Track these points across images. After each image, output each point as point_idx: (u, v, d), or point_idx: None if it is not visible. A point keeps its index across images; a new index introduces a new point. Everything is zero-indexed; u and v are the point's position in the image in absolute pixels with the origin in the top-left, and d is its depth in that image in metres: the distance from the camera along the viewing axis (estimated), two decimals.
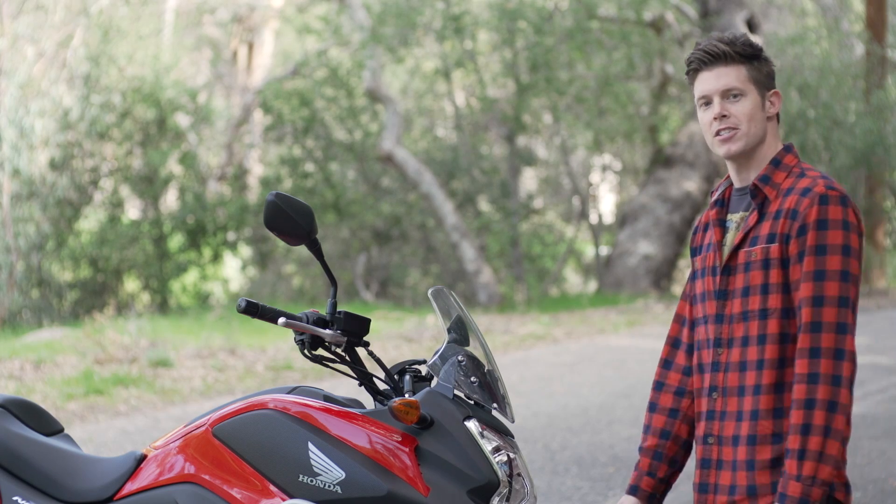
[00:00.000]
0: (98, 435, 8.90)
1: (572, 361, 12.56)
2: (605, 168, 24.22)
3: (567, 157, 23.13)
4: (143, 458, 3.51)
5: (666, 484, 3.37)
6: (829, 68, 20.60)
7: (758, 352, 3.13)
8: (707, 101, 3.20)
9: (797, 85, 20.50)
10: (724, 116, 3.17)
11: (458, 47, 20.25)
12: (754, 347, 3.14)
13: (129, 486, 3.45)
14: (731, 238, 3.21)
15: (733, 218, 3.24)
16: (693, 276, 3.34)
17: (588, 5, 19.64)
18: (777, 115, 3.22)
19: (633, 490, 3.35)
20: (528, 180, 25.39)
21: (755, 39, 19.74)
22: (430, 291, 3.59)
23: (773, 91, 3.22)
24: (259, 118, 22.64)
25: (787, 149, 3.24)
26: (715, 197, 3.30)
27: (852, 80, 20.73)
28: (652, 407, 3.37)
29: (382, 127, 20.32)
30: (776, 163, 3.20)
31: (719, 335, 3.19)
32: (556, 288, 22.08)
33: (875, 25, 20.70)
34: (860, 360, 11.98)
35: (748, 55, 3.18)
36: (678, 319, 3.39)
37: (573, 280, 24.44)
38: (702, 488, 3.21)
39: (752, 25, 19.54)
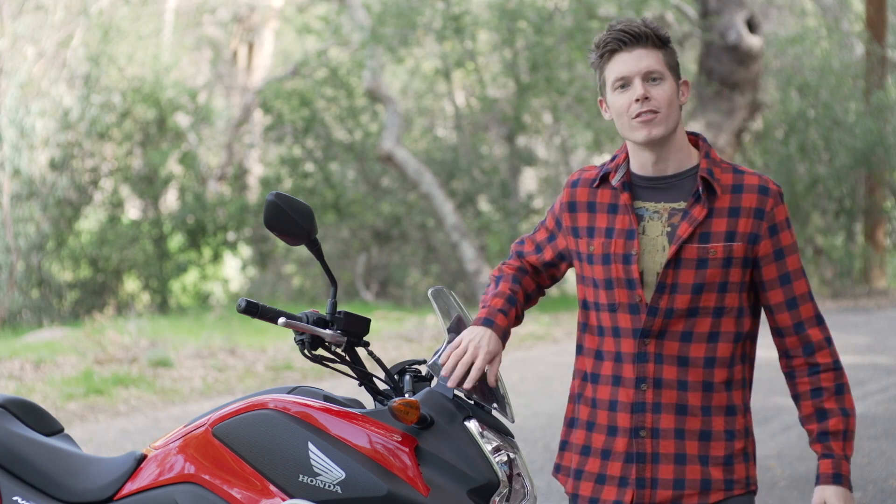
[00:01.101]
0: (98, 435, 8.90)
1: (572, 361, 12.55)
2: None
3: (567, 157, 23.14)
4: (143, 458, 3.51)
5: (509, 331, 3.34)
6: (829, 68, 20.61)
7: (707, 349, 3.10)
8: (625, 84, 3.10)
9: (797, 85, 20.51)
10: (647, 99, 3.08)
11: (458, 47, 20.25)
12: (702, 344, 3.10)
13: (129, 486, 3.45)
14: (658, 228, 3.12)
15: (649, 206, 3.15)
16: (583, 259, 3.22)
17: (588, 5, 19.64)
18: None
19: (487, 322, 3.28)
20: (528, 180, 25.38)
21: (756, 40, 19.70)
22: (430, 291, 3.59)
23: (683, 80, 3.17)
24: (259, 118, 22.63)
25: (702, 138, 3.21)
26: (616, 180, 3.19)
27: (852, 80, 20.73)
28: (496, 281, 3.38)
29: (382, 127, 20.32)
30: (708, 156, 3.17)
31: (648, 326, 3.11)
32: (555, 288, 22.07)
33: (875, 25, 20.70)
34: (860, 359, 12.02)
35: (664, 40, 3.13)
36: (518, 247, 3.40)
37: (573, 280, 24.44)
38: (638, 483, 3.13)
39: (752, 25, 19.53)
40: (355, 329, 3.44)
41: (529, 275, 3.41)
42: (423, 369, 3.51)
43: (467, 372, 3.25)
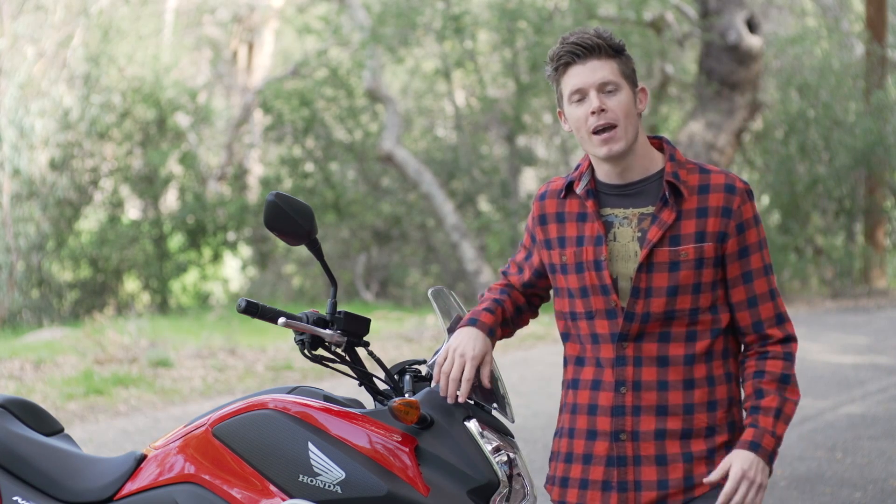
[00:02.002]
0: (98, 435, 8.90)
1: None
2: None
3: (567, 157, 23.13)
4: (143, 458, 3.51)
5: (500, 329, 3.36)
6: (829, 68, 20.60)
7: (686, 347, 3.12)
8: (581, 97, 3.12)
9: (797, 85, 20.50)
10: (603, 111, 3.09)
11: (458, 47, 20.25)
12: (680, 343, 3.12)
13: (129, 486, 3.45)
14: (629, 234, 3.14)
15: (618, 213, 3.16)
16: (557, 270, 3.25)
17: (588, 5, 19.63)
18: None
19: (471, 322, 3.31)
20: (528, 180, 25.39)
21: (756, 40, 19.67)
22: (430, 291, 3.59)
23: (640, 87, 3.18)
24: (259, 118, 22.63)
25: (665, 141, 3.22)
26: (580, 188, 3.20)
27: (852, 80, 20.72)
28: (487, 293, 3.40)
29: (382, 127, 20.32)
30: (672, 158, 3.18)
31: (626, 331, 3.12)
32: None
33: (875, 25, 20.70)
34: (860, 359, 12.02)
35: (618, 49, 3.13)
36: (506, 271, 3.43)
37: None
38: (620, 486, 3.14)
39: (752, 25, 19.52)
40: (355, 329, 3.45)
41: (517, 290, 3.43)
42: (423, 369, 3.52)
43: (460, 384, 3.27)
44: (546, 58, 3.21)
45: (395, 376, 3.51)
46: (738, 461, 3.05)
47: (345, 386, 9.41)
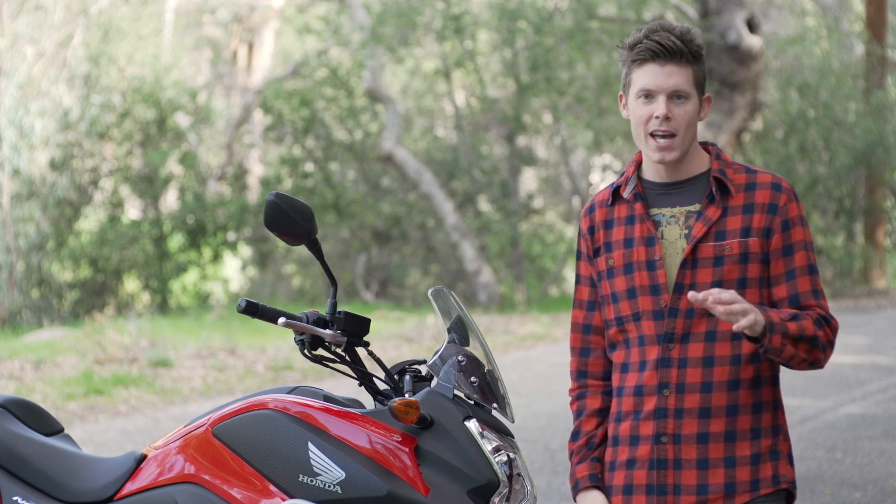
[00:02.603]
0: (98, 435, 8.90)
1: None
2: (605, 168, 24.22)
3: (567, 157, 23.13)
4: (143, 458, 3.51)
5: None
6: (829, 68, 20.61)
7: (732, 347, 3.08)
8: (649, 96, 3.10)
9: (797, 85, 20.51)
10: (668, 119, 3.07)
11: (458, 47, 20.25)
12: (726, 343, 3.08)
13: (129, 486, 3.45)
14: (676, 232, 3.11)
15: (665, 212, 3.15)
16: (603, 277, 3.19)
17: (588, 5, 19.63)
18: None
19: (595, 479, 3.20)
20: (528, 180, 25.39)
21: (756, 40, 19.67)
22: (430, 291, 3.59)
23: (706, 96, 3.17)
24: (259, 118, 22.63)
25: (712, 144, 3.22)
26: (627, 192, 3.17)
27: (852, 80, 20.73)
28: (579, 413, 3.24)
29: (382, 127, 20.32)
30: (719, 157, 3.18)
31: (671, 330, 3.09)
32: (556, 288, 22.07)
33: (875, 25, 20.70)
34: (860, 359, 12.02)
35: (696, 55, 3.11)
36: (578, 329, 3.27)
37: (573, 279, 24.40)
38: (660, 490, 3.10)
39: (752, 25, 19.52)
40: (355, 329, 3.44)
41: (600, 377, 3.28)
42: (423, 369, 3.51)
43: None
44: (621, 40, 3.18)
45: (395, 376, 3.50)
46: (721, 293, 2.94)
47: (345, 386, 9.41)
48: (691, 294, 2.93)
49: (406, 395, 3.42)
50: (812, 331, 3.05)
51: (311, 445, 3.28)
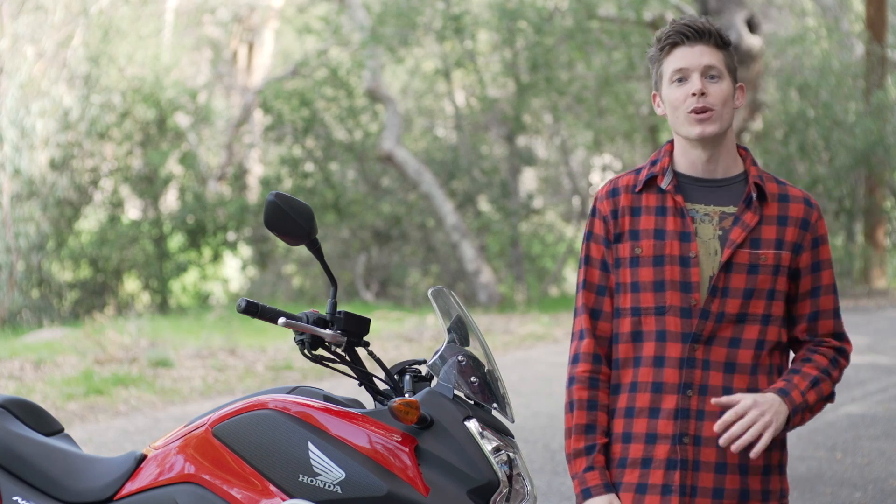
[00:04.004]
0: (98, 435, 8.90)
1: None
2: (605, 168, 24.24)
3: (567, 157, 23.14)
4: (143, 458, 3.51)
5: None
6: (829, 68, 20.61)
7: (753, 356, 3.08)
8: (683, 77, 3.10)
9: (797, 85, 20.51)
10: (703, 94, 3.07)
11: (458, 47, 20.25)
12: (749, 351, 3.08)
13: (129, 486, 3.45)
14: (710, 231, 3.10)
15: (699, 209, 3.12)
16: (624, 264, 3.12)
17: (588, 5, 19.64)
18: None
19: (609, 487, 3.12)
20: (528, 180, 25.39)
21: (756, 40, 19.67)
22: (430, 291, 3.59)
23: (740, 84, 3.17)
24: (259, 118, 22.64)
25: (745, 148, 3.23)
26: (665, 183, 3.13)
27: (852, 80, 20.74)
28: (592, 405, 3.15)
29: (382, 127, 20.32)
30: (755, 163, 3.20)
31: (700, 331, 3.07)
32: (556, 288, 22.08)
33: (875, 25, 20.70)
34: (860, 359, 12.02)
35: (726, 42, 3.13)
36: (587, 311, 3.17)
37: (573, 280, 24.45)
38: (682, 490, 3.07)
39: (752, 25, 19.53)
40: (355, 329, 3.44)
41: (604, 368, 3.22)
42: (423, 369, 3.51)
43: None
44: (654, 39, 3.18)
45: (395, 376, 3.51)
46: (755, 395, 3.00)
47: (345, 386, 9.41)
48: (714, 400, 2.99)
49: (406, 395, 3.42)
50: (829, 389, 3.12)
51: (311, 445, 3.29)
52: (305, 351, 3.45)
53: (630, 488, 3.11)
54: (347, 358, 3.48)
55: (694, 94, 3.07)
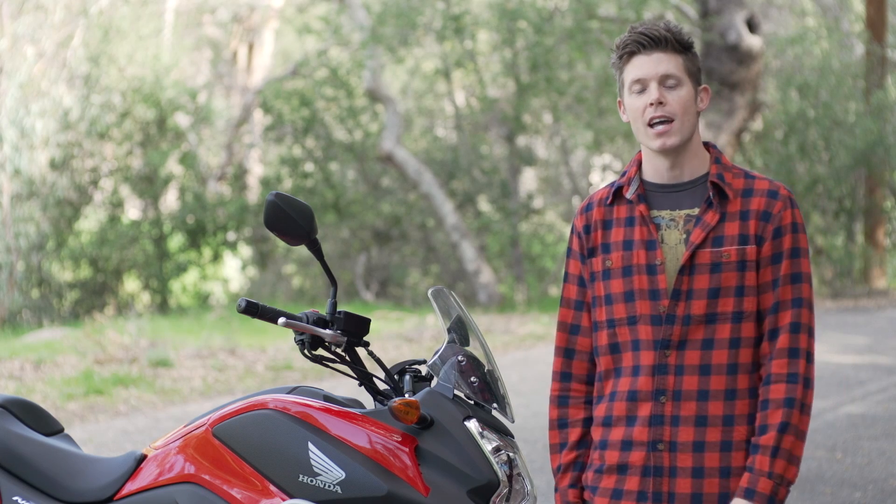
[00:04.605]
0: (98, 435, 8.90)
1: None
2: (605, 168, 24.23)
3: (567, 157, 23.13)
4: (143, 458, 3.51)
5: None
6: (829, 68, 20.60)
7: (729, 355, 3.05)
8: (642, 87, 3.09)
9: (797, 85, 20.50)
10: (661, 104, 3.06)
11: (458, 47, 20.25)
12: (724, 351, 3.05)
13: (129, 486, 3.45)
14: (676, 237, 3.09)
15: (665, 215, 3.12)
16: (598, 278, 3.15)
17: (588, 5, 19.63)
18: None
19: None
20: (528, 180, 25.38)
21: (756, 40, 19.67)
22: (430, 291, 3.59)
23: (703, 86, 3.15)
24: (259, 118, 22.64)
25: (712, 146, 3.20)
26: (630, 193, 3.14)
27: (852, 80, 20.72)
28: (562, 424, 3.21)
29: (382, 127, 20.32)
30: (718, 161, 3.16)
31: (668, 336, 3.06)
32: (556, 288, 22.07)
33: (875, 25, 20.69)
34: (860, 359, 12.01)
35: (685, 45, 3.11)
36: (564, 328, 3.23)
37: None
38: (653, 497, 3.07)
39: (752, 25, 19.52)
40: (355, 329, 3.44)
41: (585, 379, 3.26)
42: (423, 369, 3.51)
43: None
44: (613, 45, 3.18)
45: (395, 376, 3.51)
46: None
47: (345, 386, 9.41)
48: None
49: (406, 395, 3.42)
50: (792, 439, 3.01)
51: (311, 445, 3.29)
52: (305, 351, 3.45)
53: (606, 494, 3.12)
54: (347, 358, 3.48)
55: (652, 104, 3.07)
